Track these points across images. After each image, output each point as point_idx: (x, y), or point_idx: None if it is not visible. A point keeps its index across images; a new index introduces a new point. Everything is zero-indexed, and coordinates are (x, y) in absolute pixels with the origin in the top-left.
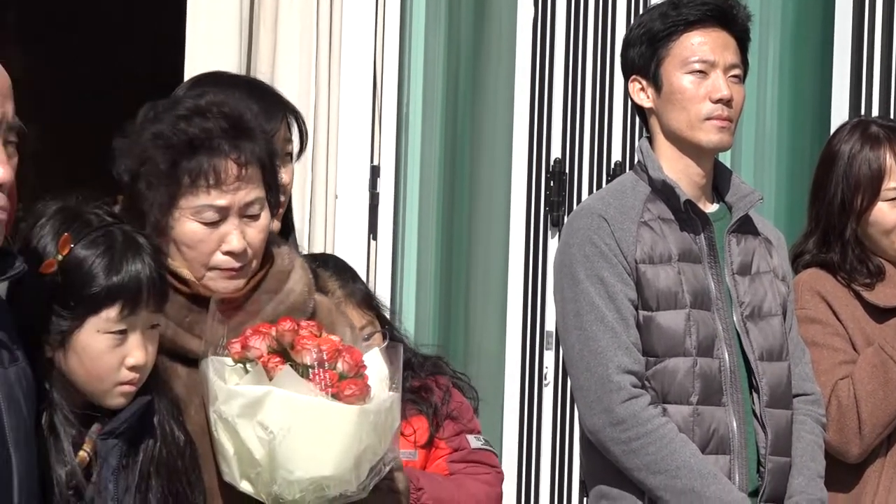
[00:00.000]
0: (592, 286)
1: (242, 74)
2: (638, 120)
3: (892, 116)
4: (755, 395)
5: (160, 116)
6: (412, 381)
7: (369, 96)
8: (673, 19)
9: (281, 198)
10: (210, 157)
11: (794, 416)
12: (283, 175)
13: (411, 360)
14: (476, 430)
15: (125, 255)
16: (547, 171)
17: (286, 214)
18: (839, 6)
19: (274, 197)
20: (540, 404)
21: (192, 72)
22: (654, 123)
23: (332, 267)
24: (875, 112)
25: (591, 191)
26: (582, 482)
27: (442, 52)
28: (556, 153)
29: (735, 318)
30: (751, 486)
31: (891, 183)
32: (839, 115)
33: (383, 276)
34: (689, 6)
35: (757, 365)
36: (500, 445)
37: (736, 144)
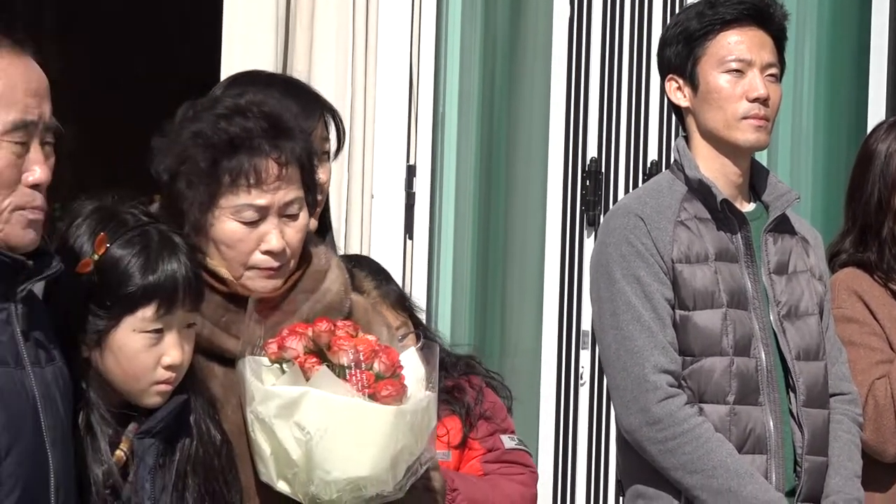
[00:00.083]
0: (629, 286)
1: (279, 73)
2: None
3: None
4: (792, 394)
5: (200, 115)
6: (445, 381)
7: (405, 95)
8: (710, 18)
9: (318, 197)
10: (251, 156)
11: (830, 415)
12: (321, 174)
13: (444, 359)
14: (510, 429)
15: (161, 255)
16: (583, 171)
17: (323, 213)
18: (875, 5)
19: (312, 196)
20: (576, 404)
21: (228, 71)
22: (691, 123)
23: (366, 268)
24: None
25: (627, 190)
26: (618, 482)
27: (478, 51)
28: (592, 152)
29: (772, 318)
30: (787, 486)
31: None
32: (876, 114)
33: (419, 275)
34: (726, 5)
35: (794, 364)
36: (535, 445)
37: (772, 143)
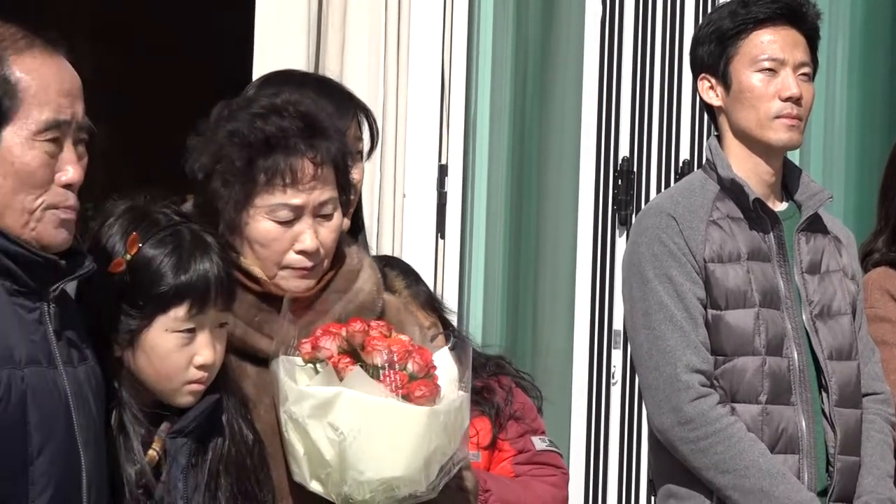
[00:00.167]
0: (661, 285)
1: (311, 73)
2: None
3: None
4: (824, 394)
5: (236, 114)
6: (474, 382)
7: (437, 95)
8: (742, 17)
9: (352, 197)
10: (287, 156)
11: (863, 415)
12: (354, 173)
13: (473, 360)
14: (540, 429)
15: (193, 254)
16: (615, 170)
17: (356, 213)
18: None
19: (346, 196)
20: (608, 403)
21: (260, 71)
22: (724, 122)
23: (396, 268)
24: None
25: (659, 189)
26: (650, 481)
27: (510, 50)
28: (623, 152)
29: (804, 317)
30: (820, 486)
31: None
32: None
33: (451, 275)
34: (759, 4)
35: (826, 364)
36: (567, 444)
37: (805, 143)
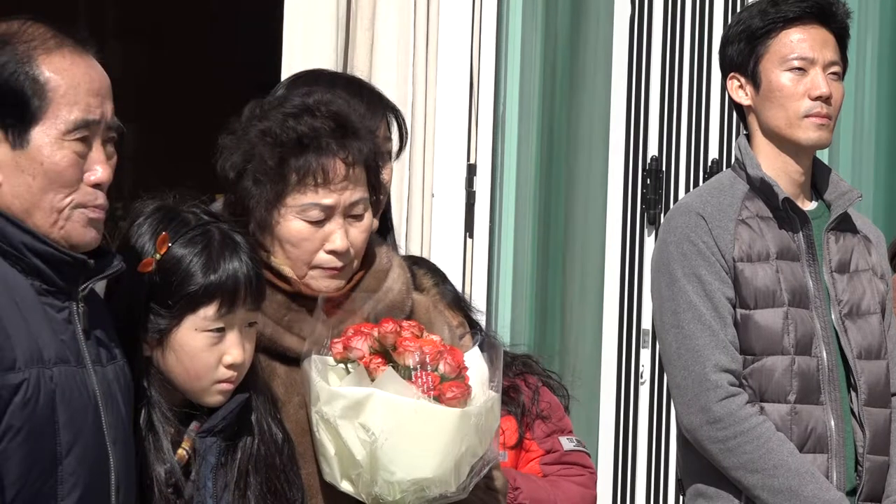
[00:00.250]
0: (690, 284)
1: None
2: (735, 117)
3: None
4: (853, 393)
5: (268, 114)
6: None
7: (466, 94)
8: (772, 16)
9: (381, 197)
10: (318, 155)
11: (892, 414)
12: (383, 173)
13: None
14: (567, 428)
15: (222, 254)
16: (644, 169)
17: (384, 213)
18: None
19: (376, 197)
20: (636, 403)
21: (289, 70)
22: (753, 121)
23: (423, 267)
24: None
25: (687, 189)
26: (678, 480)
27: (539, 50)
28: (652, 151)
29: (833, 317)
30: (848, 485)
31: None
32: None
33: (479, 274)
34: (789, 3)
35: (855, 363)
36: (596, 444)
37: (834, 142)
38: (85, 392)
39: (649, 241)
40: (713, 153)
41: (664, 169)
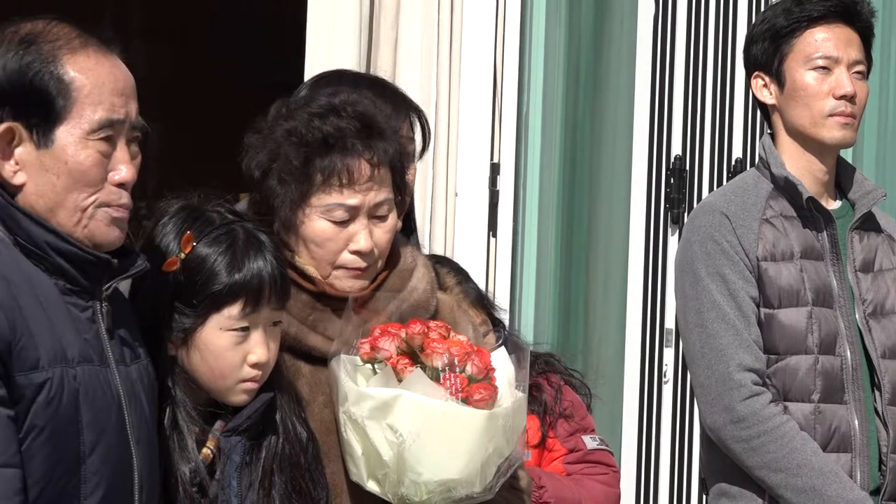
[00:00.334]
0: (714, 283)
1: (364, 72)
2: (759, 116)
3: None
4: (877, 392)
5: (294, 113)
6: None
7: (490, 93)
8: (797, 15)
9: (405, 198)
10: (344, 156)
11: None
12: (408, 174)
13: None
14: (589, 427)
15: (247, 253)
16: (667, 168)
17: (408, 213)
18: None
19: (401, 197)
20: (659, 402)
21: (312, 70)
22: (777, 120)
23: (446, 266)
24: None
25: (711, 188)
26: (701, 480)
27: (562, 49)
28: (676, 150)
29: (857, 316)
30: (872, 485)
31: None
32: None
33: (503, 273)
34: (814, 2)
35: (879, 363)
36: (619, 443)
37: (858, 141)
38: (108, 391)
39: (673, 241)
40: (737, 152)
41: (688, 168)
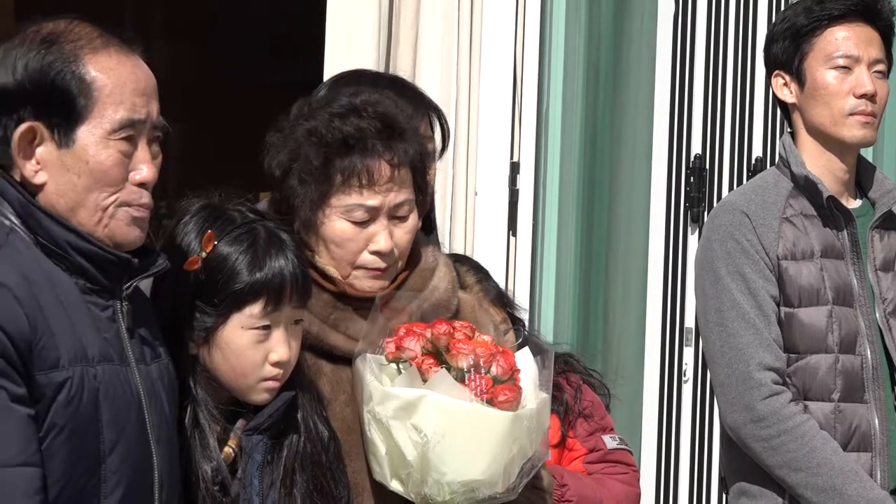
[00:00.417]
0: (734, 282)
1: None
2: (779, 115)
3: None
4: None
5: (315, 113)
6: None
7: (509, 93)
8: (817, 14)
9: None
10: (364, 157)
11: None
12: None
13: None
14: (609, 426)
15: (268, 252)
16: (687, 167)
17: (428, 213)
18: None
19: (422, 197)
20: (679, 401)
21: (332, 70)
22: (797, 119)
23: (466, 264)
24: None
25: (731, 187)
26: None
27: (582, 48)
28: (696, 149)
29: (877, 315)
30: (892, 484)
31: None
32: None
33: (523, 272)
34: (834, 1)
35: None
36: (639, 442)
37: (878, 140)
38: (128, 390)
39: (693, 240)
40: (757, 151)
41: (708, 167)
